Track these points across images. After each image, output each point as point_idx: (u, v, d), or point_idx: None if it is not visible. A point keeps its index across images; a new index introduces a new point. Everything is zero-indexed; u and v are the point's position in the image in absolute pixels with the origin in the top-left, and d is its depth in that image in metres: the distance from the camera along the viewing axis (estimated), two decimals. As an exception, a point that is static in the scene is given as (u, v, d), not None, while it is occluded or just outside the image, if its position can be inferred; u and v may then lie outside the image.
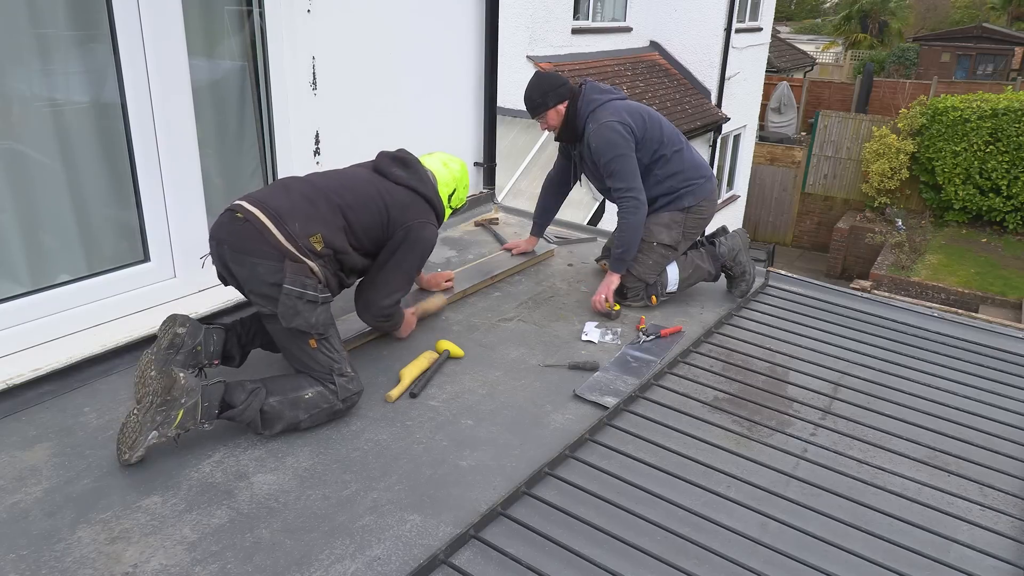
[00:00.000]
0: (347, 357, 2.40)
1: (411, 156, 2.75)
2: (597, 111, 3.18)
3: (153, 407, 2.06)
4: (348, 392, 2.33)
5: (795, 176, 16.54)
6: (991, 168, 13.49)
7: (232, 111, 3.13)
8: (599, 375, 2.70)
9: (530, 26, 9.15)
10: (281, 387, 2.26)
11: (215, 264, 2.37)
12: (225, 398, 2.18)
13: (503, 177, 6.43)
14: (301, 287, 2.24)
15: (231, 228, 2.29)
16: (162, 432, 2.06)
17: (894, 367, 2.87)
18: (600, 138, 3.13)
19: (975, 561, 1.88)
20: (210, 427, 2.17)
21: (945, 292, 11.93)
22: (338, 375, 2.32)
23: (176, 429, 2.08)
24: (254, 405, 2.19)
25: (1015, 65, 22.48)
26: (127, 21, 2.55)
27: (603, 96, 3.22)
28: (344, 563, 1.80)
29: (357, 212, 2.48)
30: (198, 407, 2.11)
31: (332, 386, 2.31)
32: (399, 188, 2.62)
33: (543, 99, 3.25)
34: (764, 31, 13.75)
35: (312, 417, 2.28)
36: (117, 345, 2.59)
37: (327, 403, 2.30)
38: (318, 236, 2.34)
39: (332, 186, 2.49)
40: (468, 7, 4.07)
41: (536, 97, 3.26)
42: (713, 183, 3.37)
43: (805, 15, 42.81)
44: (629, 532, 1.90)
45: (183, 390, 2.08)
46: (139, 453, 2.06)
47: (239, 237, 2.27)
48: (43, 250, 2.62)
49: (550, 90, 3.24)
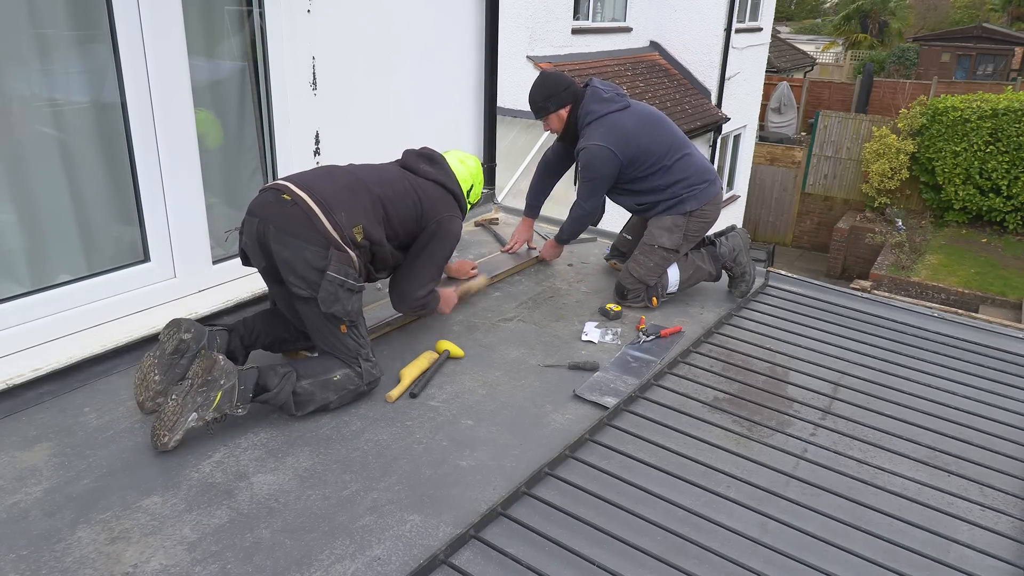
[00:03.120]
0: (370, 343, 2.50)
1: (437, 153, 2.88)
2: (591, 127, 3.21)
3: (194, 388, 2.12)
4: (372, 376, 2.46)
5: (795, 176, 16.54)
6: (991, 168, 13.48)
7: (232, 111, 3.13)
8: (599, 375, 2.70)
9: (530, 26, 9.15)
10: (311, 370, 2.35)
11: (246, 241, 2.40)
12: (259, 382, 2.25)
13: (503, 177, 6.42)
14: (344, 276, 2.32)
15: (278, 209, 2.33)
16: (201, 415, 2.12)
17: (894, 367, 2.87)
18: (585, 157, 3.21)
19: (975, 561, 1.88)
20: (244, 412, 2.21)
21: (945, 292, 11.93)
22: (364, 359, 2.44)
23: (213, 412, 2.13)
24: (287, 388, 2.27)
25: (1015, 65, 22.48)
26: (127, 21, 2.55)
27: (601, 108, 3.21)
28: (344, 563, 1.80)
29: (396, 205, 2.58)
30: (235, 390, 2.17)
31: (358, 368, 2.41)
32: (428, 183, 2.74)
33: (545, 103, 3.28)
34: (764, 31, 13.75)
35: (340, 398, 2.39)
36: (117, 345, 2.59)
37: (353, 384, 2.41)
38: (360, 227, 2.42)
39: (372, 178, 2.57)
40: (468, 7, 4.07)
41: (539, 100, 3.29)
42: (718, 186, 3.37)
43: (805, 15, 42.82)
44: (629, 532, 1.90)
45: (222, 371, 2.15)
46: (178, 436, 2.11)
47: (286, 219, 2.31)
48: (43, 250, 2.62)
49: (553, 94, 3.26)
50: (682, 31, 11.83)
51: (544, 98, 3.27)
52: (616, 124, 3.19)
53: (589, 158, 3.19)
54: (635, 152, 3.18)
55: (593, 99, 3.24)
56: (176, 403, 2.12)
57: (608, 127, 3.18)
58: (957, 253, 13.47)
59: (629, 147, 3.17)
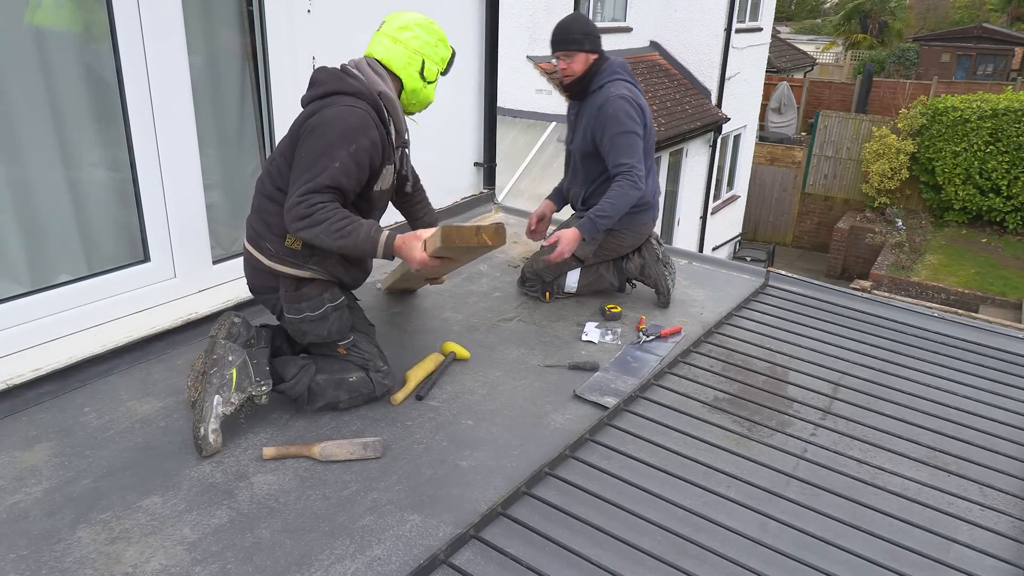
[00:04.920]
0: (379, 352, 2.47)
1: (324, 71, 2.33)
2: (618, 82, 3.01)
3: (206, 373, 2.13)
4: (384, 387, 2.45)
5: (795, 176, 16.53)
6: (991, 168, 13.48)
7: (232, 111, 3.13)
8: (599, 375, 2.70)
9: (530, 26, 9.14)
10: (329, 367, 2.35)
11: None
12: (277, 370, 2.25)
13: (503, 177, 6.44)
14: (297, 313, 2.30)
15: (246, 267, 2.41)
16: (224, 396, 2.12)
17: (894, 367, 2.87)
18: (617, 107, 2.93)
19: (975, 561, 1.88)
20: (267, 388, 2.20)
21: (945, 292, 11.92)
22: (373, 371, 2.41)
23: (235, 391, 2.13)
24: (304, 381, 2.28)
25: (1015, 65, 22.46)
26: (127, 21, 2.55)
27: (627, 76, 3.07)
28: (344, 563, 1.80)
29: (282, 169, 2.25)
30: (247, 365, 2.16)
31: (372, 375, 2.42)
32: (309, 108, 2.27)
33: (583, 38, 2.99)
34: (764, 31, 13.74)
35: (351, 399, 2.38)
36: (117, 345, 2.59)
37: (367, 389, 2.40)
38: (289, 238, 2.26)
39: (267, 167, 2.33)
40: (468, 7, 4.07)
41: (576, 33, 2.99)
42: (652, 214, 3.22)
43: (805, 15, 42.79)
44: (629, 532, 1.90)
45: (226, 348, 2.15)
46: (214, 426, 2.11)
47: (248, 275, 2.38)
48: (43, 250, 2.61)
49: (591, 33, 2.99)
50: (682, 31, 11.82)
51: (582, 33, 2.98)
52: (639, 96, 3.03)
53: (625, 106, 2.91)
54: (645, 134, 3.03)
55: (622, 66, 3.06)
56: (198, 391, 2.14)
57: (634, 93, 3.02)
58: (957, 253, 13.46)
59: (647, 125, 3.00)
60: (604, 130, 2.98)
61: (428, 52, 2.37)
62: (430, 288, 3.40)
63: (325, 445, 2.17)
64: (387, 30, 2.36)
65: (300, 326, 2.31)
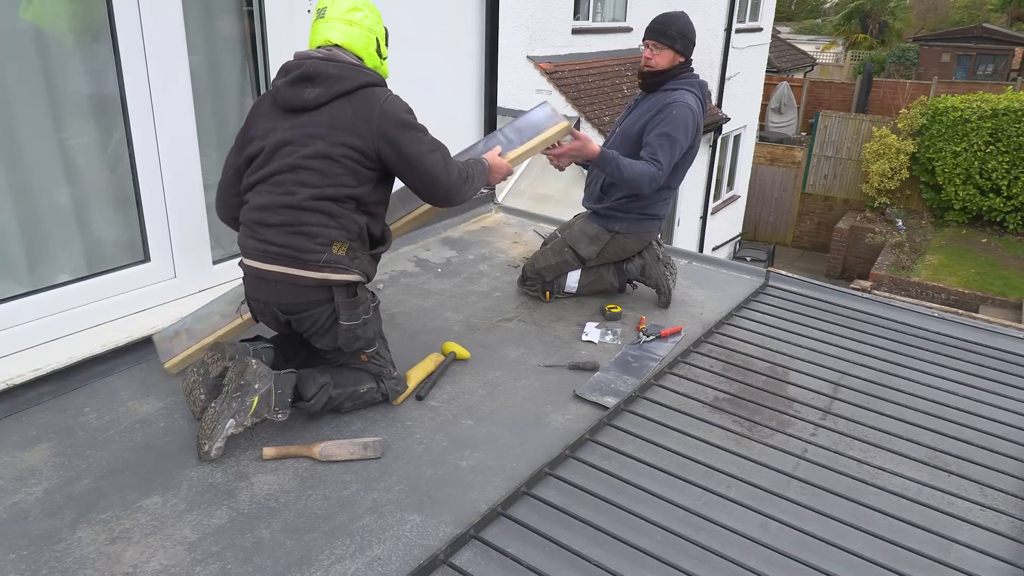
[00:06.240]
0: (391, 359, 2.49)
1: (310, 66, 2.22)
2: (692, 95, 3.04)
3: (229, 395, 2.11)
4: (396, 393, 2.48)
5: (795, 176, 16.53)
6: (991, 168, 13.48)
7: (232, 111, 3.13)
8: (599, 375, 2.70)
9: (530, 26, 9.14)
10: (345, 380, 2.37)
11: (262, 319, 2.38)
12: (297, 387, 2.24)
13: (503, 177, 6.42)
14: (355, 319, 2.27)
15: (272, 290, 2.22)
16: (239, 421, 2.10)
17: (894, 367, 2.87)
18: (683, 113, 2.99)
19: (975, 561, 1.88)
20: (284, 417, 2.19)
21: (945, 292, 11.92)
22: (387, 378, 2.45)
23: (252, 417, 2.11)
24: (322, 399, 2.28)
25: (1015, 65, 22.46)
26: (127, 21, 2.55)
27: (701, 94, 3.11)
28: (344, 563, 1.80)
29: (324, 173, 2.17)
30: (271, 394, 2.14)
31: (382, 384, 2.45)
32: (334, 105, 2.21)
33: (677, 37, 3.04)
34: (764, 31, 13.75)
35: (355, 405, 2.41)
36: (117, 345, 2.59)
37: (377, 398, 2.45)
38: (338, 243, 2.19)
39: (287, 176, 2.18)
40: (468, 7, 4.07)
41: (674, 29, 3.03)
42: (658, 224, 3.28)
43: (805, 15, 42.78)
44: (629, 532, 1.90)
45: (255, 375, 2.12)
46: (219, 444, 2.10)
47: (282, 297, 2.22)
48: (43, 250, 2.61)
49: (689, 37, 3.05)
50: (682, 31, 11.81)
51: (679, 32, 3.02)
52: (701, 117, 3.07)
53: (688, 113, 2.98)
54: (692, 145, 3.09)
55: (700, 84, 3.11)
56: (214, 411, 2.11)
57: (700, 111, 3.06)
58: (957, 253, 13.46)
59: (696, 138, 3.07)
60: (658, 125, 3.01)
61: (378, 30, 2.36)
62: (430, 288, 3.40)
63: (325, 445, 2.18)
64: (336, 14, 2.29)
65: (355, 331, 2.27)
